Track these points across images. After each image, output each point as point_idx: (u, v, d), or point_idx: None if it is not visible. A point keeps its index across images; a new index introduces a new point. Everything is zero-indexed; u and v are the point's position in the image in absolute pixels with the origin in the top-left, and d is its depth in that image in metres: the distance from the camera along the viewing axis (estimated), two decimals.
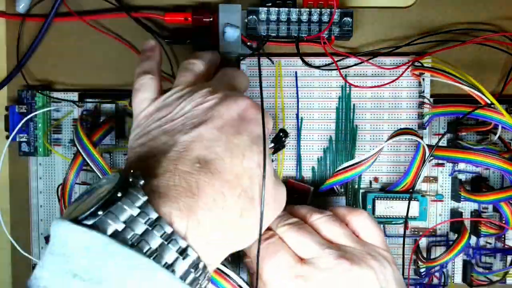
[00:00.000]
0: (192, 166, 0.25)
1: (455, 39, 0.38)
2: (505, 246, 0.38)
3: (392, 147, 0.39)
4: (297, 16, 0.37)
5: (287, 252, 0.30)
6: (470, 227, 0.38)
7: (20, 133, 0.39)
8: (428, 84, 0.37)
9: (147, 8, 0.39)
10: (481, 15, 0.39)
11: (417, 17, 0.39)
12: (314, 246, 0.29)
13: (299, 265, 0.29)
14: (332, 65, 0.38)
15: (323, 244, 0.29)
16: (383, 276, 0.28)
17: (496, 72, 0.39)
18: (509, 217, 0.35)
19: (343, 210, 0.32)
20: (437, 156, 0.37)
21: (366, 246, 0.30)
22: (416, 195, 0.37)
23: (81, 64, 0.40)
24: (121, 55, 0.39)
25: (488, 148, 0.36)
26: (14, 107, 0.39)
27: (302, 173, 0.39)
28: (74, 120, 0.39)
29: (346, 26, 0.37)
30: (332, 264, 0.28)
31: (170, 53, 0.39)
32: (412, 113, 0.38)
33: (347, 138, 0.39)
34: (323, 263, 0.28)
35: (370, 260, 0.29)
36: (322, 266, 0.28)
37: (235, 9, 0.37)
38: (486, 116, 0.34)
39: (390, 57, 0.38)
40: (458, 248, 0.36)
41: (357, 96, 0.38)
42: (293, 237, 0.30)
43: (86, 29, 0.39)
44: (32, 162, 0.40)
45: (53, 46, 0.40)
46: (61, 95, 0.39)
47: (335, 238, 0.30)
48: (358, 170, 0.35)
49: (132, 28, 0.39)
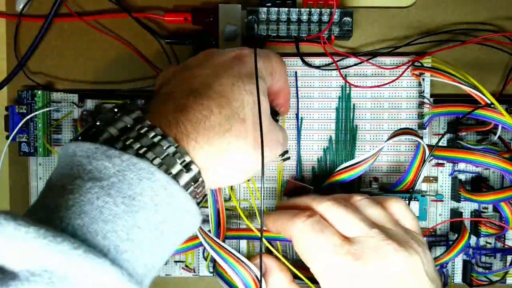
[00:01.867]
0: (182, 93, 0.27)
1: (455, 39, 0.38)
2: (505, 246, 0.38)
3: (392, 147, 0.39)
4: (297, 16, 0.37)
5: (332, 229, 0.30)
6: (470, 227, 0.38)
7: (20, 133, 0.38)
8: (428, 84, 0.37)
9: (147, 8, 0.39)
10: (481, 15, 0.39)
11: (417, 17, 0.39)
12: (361, 224, 0.29)
13: (346, 243, 0.29)
14: (332, 65, 0.38)
15: (370, 224, 0.30)
16: (426, 260, 0.29)
17: (496, 72, 0.39)
18: (509, 217, 0.35)
19: (379, 198, 0.33)
20: (437, 156, 0.37)
21: (407, 230, 0.31)
22: (416, 195, 0.37)
23: (81, 64, 0.40)
24: (121, 55, 0.39)
25: (488, 148, 0.36)
26: (14, 107, 0.38)
27: (302, 173, 0.39)
28: (74, 120, 0.39)
29: (346, 26, 0.37)
30: (381, 244, 0.28)
31: (170, 53, 0.39)
32: (412, 113, 0.38)
33: (347, 138, 0.39)
34: (372, 243, 0.28)
35: (414, 244, 0.29)
36: (371, 245, 0.28)
37: (235, 9, 0.37)
38: (486, 116, 0.34)
39: (390, 57, 0.38)
40: (458, 248, 0.36)
41: (357, 96, 0.39)
42: (338, 214, 0.30)
43: (86, 29, 0.39)
44: (32, 162, 0.40)
45: (53, 46, 0.40)
46: (61, 95, 0.39)
47: (378, 219, 0.31)
48: (358, 170, 0.35)
49: (132, 28, 0.39)
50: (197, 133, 0.25)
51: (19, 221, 0.19)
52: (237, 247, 0.39)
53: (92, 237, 0.20)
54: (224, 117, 0.26)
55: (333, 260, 0.28)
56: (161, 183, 0.22)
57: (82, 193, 0.21)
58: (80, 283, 0.19)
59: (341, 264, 0.28)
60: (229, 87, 0.27)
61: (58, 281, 0.19)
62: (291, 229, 0.31)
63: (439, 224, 0.39)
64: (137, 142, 0.23)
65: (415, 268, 0.28)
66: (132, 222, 0.21)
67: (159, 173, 0.22)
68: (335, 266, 0.28)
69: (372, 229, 0.29)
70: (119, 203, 0.21)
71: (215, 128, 0.26)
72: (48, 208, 0.21)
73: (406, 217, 0.32)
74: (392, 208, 0.32)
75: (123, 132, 0.24)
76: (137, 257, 0.22)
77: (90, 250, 0.19)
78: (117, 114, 0.25)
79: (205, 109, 0.26)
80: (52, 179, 0.23)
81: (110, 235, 0.21)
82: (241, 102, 0.27)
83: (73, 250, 0.19)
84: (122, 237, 0.21)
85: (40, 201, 0.22)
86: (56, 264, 0.19)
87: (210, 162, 0.26)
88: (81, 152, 0.23)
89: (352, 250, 0.28)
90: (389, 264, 0.28)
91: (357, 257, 0.28)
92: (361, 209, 0.31)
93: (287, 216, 0.31)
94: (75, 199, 0.21)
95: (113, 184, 0.21)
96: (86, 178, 0.21)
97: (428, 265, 0.29)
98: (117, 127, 0.24)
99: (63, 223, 0.20)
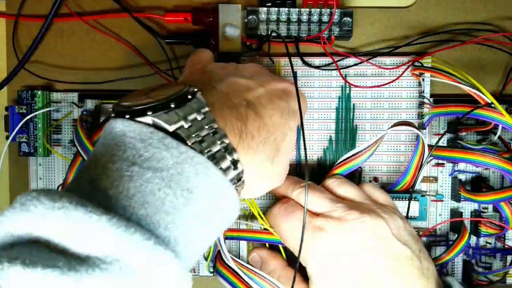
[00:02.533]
0: (241, 101, 0.28)
1: (455, 39, 0.38)
2: (505, 246, 0.38)
3: (392, 147, 0.39)
4: (297, 16, 0.37)
5: (302, 210, 0.32)
6: (470, 227, 0.38)
7: (20, 134, 0.38)
8: (428, 84, 0.37)
9: (147, 8, 0.39)
10: (481, 15, 0.39)
11: (417, 17, 0.39)
12: (326, 201, 0.32)
13: (313, 219, 0.31)
14: (332, 65, 0.38)
15: (335, 200, 0.33)
16: (394, 225, 0.31)
17: (496, 72, 0.39)
18: (509, 217, 0.35)
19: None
20: (437, 156, 0.37)
21: (376, 203, 0.33)
22: (416, 195, 0.37)
23: (81, 64, 0.40)
24: (121, 55, 0.39)
25: (488, 148, 0.36)
26: (14, 108, 0.38)
27: (302, 173, 0.39)
28: (74, 120, 0.39)
29: (346, 26, 0.37)
30: (342, 214, 0.31)
31: (170, 53, 0.39)
32: (412, 113, 0.38)
33: (347, 138, 0.39)
34: (336, 214, 0.31)
35: (380, 212, 0.32)
36: (335, 217, 0.31)
37: (235, 9, 0.37)
38: (486, 116, 0.34)
39: (390, 57, 0.38)
40: (458, 248, 0.36)
41: (357, 96, 0.38)
42: (309, 197, 0.32)
43: (86, 29, 0.39)
44: (32, 162, 0.40)
45: (53, 46, 0.40)
46: (61, 96, 0.39)
47: (348, 196, 0.34)
48: (359, 160, 0.35)
49: (132, 28, 0.39)
50: (253, 151, 0.27)
51: (89, 207, 0.19)
52: (237, 247, 0.39)
53: (154, 228, 0.20)
54: (272, 143, 0.28)
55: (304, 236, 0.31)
56: (215, 180, 0.23)
57: (143, 182, 0.21)
58: (147, 273, 0.19)
59: (308, 238, 0.31)
60: (277, 117, 0.29)
61: (128, 271, 0.19)
62: (269, 218, 0.34)
63: (439, 224, 0.39)
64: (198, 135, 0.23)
65: (379, 232, 0.30)
66: (189, 215, 0.22)
67: (215, 169, 0.23)
68: (304, 241, 0.30)
69: (337, 203, 0.32)
70: (178, 195, 0.21)
71: (265, 152, 0.28)
72: (106, 194, 0.21)
73: (376, 192, 0.35)
74: (363, 187, 0.35)
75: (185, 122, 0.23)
76: (192, 249, 0.22)
77: (159, 241, 0.19)
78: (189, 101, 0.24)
79: (261, 130, 0.27)
80: (100, 157, 0.22)
81: (171, 227, 0.21)
82: (284, 135, 0.29)
83: (145, 241, 0.19)
84: (181, 229, 0.21)
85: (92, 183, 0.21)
86: (128, 254, 0.19)
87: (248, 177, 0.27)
88: (132, 133, 0.22)
89: (317, 224, 0.31)
90: (349, 231, 0.30)
91: (320, 228, 0.31)
92: (333, 189, 0.34)
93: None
94: (136, 188, 0.21)
95: (172, 176, 0.22)
96: (144, 166, 0.21)
97: (397, 229, 0.31)
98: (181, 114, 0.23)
99: (127, 212, 0.20)
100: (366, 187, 0.35)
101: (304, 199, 0.33)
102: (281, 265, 0.35)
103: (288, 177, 0.35)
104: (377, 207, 0.32)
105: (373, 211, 0.31)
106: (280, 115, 0.29)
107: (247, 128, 0.27)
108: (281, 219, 0.33)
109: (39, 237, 0.18)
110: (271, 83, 0.31)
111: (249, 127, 0.27)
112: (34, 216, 0.18)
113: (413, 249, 0.31)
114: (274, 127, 0.28)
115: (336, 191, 0.34)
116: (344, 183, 0.34)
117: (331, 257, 0.30)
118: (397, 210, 0.34)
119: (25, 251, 0.18)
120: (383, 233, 0.30)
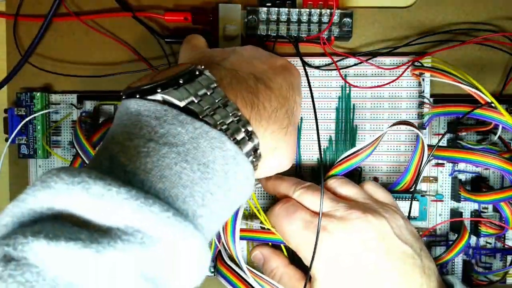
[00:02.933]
0: (248, 75, 0.28)
1: (455, 39, 0.38)
2: (505, 246, 0.38)
3: (392, 147, 0.39)
4: (297, 16, 0.37)
5: (304, 210, 0.32)
6: (470, 227, 0.38)
7: (19, 136, 0.38)
8: (428, 84, 0.37)
9: (147, 7, 0.39)
10: (481, 15, 0.39)
11: (417, 17, 0.39)
12: (328, 201, 0.32)
13: (316, 218, 0.31)
14: (331, 65, 0.38)
15: (336, 199, 0.33)
16: (395, 224, 0.31)
17: (496, 72, 0.39)
18: (509, 217, 0.35)
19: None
20: (437, 156, 0.37)
21: (377, 201, 0.33)
22: (416, 195, 0.37)
23: (80, 65, 0.39)
24: (120, 55, 0.39)
25: (488, 148, 0.36)
26: (13, 110, 0.38)
27: (302, 173, 0.39)
28: (73, 122, 0.39)
29: (346, 26, 0.37)
30: (344, 214, 0.31)
31: (170, 52, 0.39)
32: (412, 113, 0.38)
33: (347, 138, 0.39)
34: (338, 214, 0.31)
35: (381, 211, 0.32)
36: (337, 216, 0.31)
37: (235, 9, 0.37)
38: (486, 116, 0.34)
39: (390, 57, 0.38)
40: (458, 248, 0.36)
41: (357, 96, 0.38)
42: (309, 197, 0.33)
43: (85, 30, 0.39)
44: (32, 164, 0.40)
45: (52, 47, 0.39)
46: (60, 97, 0.39)
47: (350, 196, 0.34)
48: (358, 159, 0.35)
49: (132, 28, 0.39)
50: (266, 122, 0.27)
51: (107, 181, 0.19)
52: None
53: (173, 201, 0.21)
54: (284, 114, 0.28)
55: (304, 234, 0.31)
56: (231, 153, 0.23)
57: (159, 157, 0.21)
58: (168, 245, 0.19)
59: (311, 238, 0.30)
60: (285, 90, 0.29)
61: (149, 242, 0.19)
62: (271, 218, 0.34)
63: (439, 224, 0.39)
64: (210, 110, 0.24)
65: (382, 232, 0.30)
66: (206, 189, 0.22)
67: (230, 143, 0.23)
68: (306, 240, 0.31)
69: (339, 203, 0.32)
70: (195, 169, 0.22)
71: (278, 123, 0.28)
72: (124, 169, 0.21)
73: (377, 191, 0.35)
74: (365, 186, 0.35)
75: (195, 97, 0.24)
76: (209, 223, 0.22)
77: (178, 213, 0.20)
78: (197, 77, 0.25)
79: (272, 101, 0.28)
80: (117, 136, 0.23)
81: (189, 200, 0.21)
82: (292, 107, 0.30)
83: (164, 213, 0.19)
84: (199, 203, 0.22)
85: (111, 160, 0.22)
86: (148, 225, 0.19)
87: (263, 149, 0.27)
88: (146, 112, 0.22)
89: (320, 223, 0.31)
90: (352, 231, 0.30)
91: (323, 228, 0.31)
92: (335, 190, 0.34)
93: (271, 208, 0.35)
94: (153, 163, 0.21)
95: (188, 151, 0.22)
96: (161, 142, 0.22)
97: (399, 229, 0.31)
98: (191, 90, 0.24)
99: (145, 186, 0.20)
100: (368, 186, 0.35)
101: (305, 199, 0.33)
102: (283, 263, 0.35)
103: (290, 178, 0.35)
104: (378, 207, 0.32)
105: (375, 211, 0.31)
106: (287, 88, 0.30)
107: (258, 99, 0.27)
108: (283, 218, 0.33)
109: (61, 212, 0.19)
110: (271, 60, 0.31)
111: (260, 98, 0.27)
112: (55, 192, 0.19)
113: (415, 248, 0.31)
114: (284, 99, 0.29)
115: (338, 191, 0.34)
116: (345, 183, 0.34)
117: (335, 258, 0.30)
118: (398, 209, 0.34)
119: (48, 225, 0.18)
120: (385, 232, 0.30)
